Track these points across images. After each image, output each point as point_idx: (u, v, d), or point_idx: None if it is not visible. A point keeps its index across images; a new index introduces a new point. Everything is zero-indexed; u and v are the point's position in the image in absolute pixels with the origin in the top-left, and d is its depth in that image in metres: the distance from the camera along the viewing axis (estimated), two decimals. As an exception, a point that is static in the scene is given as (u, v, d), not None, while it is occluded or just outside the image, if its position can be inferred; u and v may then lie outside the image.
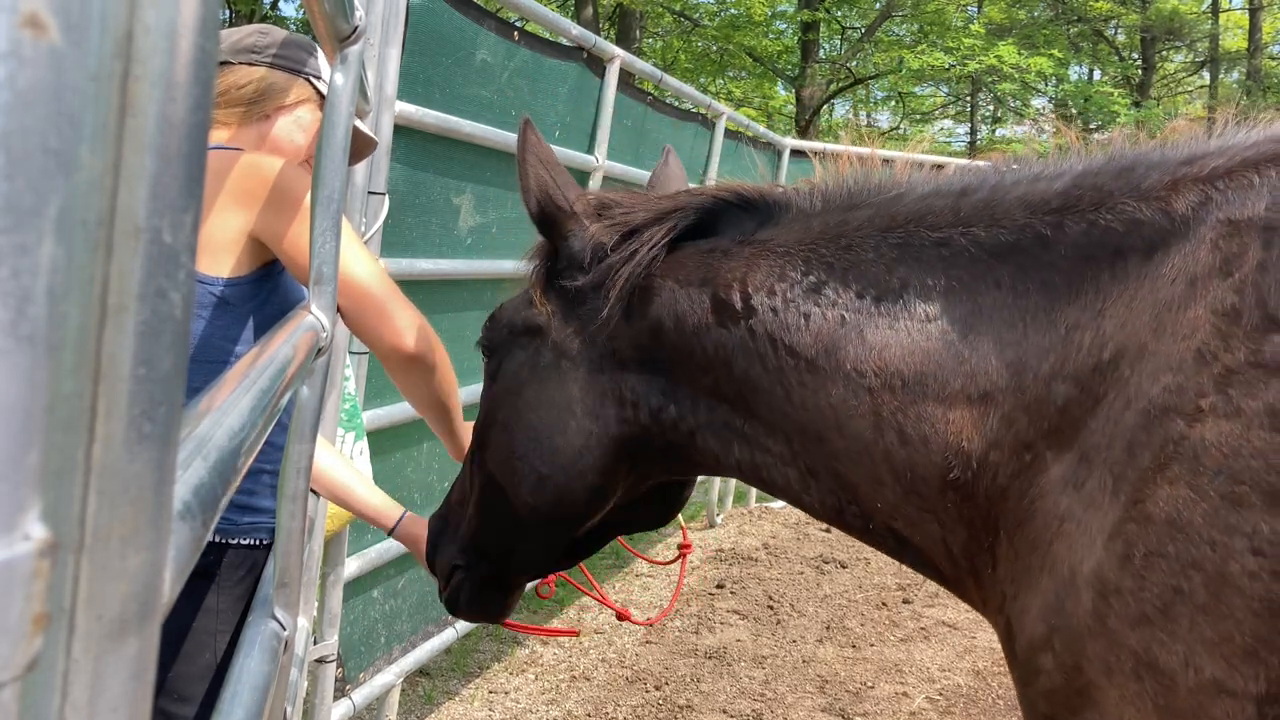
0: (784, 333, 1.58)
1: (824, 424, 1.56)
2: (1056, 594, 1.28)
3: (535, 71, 4.00)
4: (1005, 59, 20.43)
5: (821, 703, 4.44)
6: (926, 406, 1.46)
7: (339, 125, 1.49)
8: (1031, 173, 1.50)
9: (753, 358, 1.61)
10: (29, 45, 0.29)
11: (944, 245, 1.50)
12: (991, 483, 1.40)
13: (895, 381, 1.48)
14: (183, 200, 0.37)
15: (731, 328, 1.64)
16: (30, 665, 0.30)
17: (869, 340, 1.51)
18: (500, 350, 1.89)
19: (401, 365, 1.88)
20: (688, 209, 1.75)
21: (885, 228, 1.56)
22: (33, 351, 0.30)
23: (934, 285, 1.49)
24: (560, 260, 1.81)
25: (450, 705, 4.27)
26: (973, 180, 1.54)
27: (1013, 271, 1.43)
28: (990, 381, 1.41)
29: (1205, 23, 25.49)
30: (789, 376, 1.58)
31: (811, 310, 1.57)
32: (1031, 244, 1.42)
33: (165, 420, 0.38)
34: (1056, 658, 1.28)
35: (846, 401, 1.52)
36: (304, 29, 19.35)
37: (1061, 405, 1.33)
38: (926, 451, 1.46)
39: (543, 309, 1.82)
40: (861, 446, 1.52)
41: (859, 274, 1.55)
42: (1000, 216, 1.47)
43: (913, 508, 1.50)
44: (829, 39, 24.99)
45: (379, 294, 1.81)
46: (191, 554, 0.56)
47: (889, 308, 1.51)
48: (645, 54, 23.23)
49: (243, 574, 1.88)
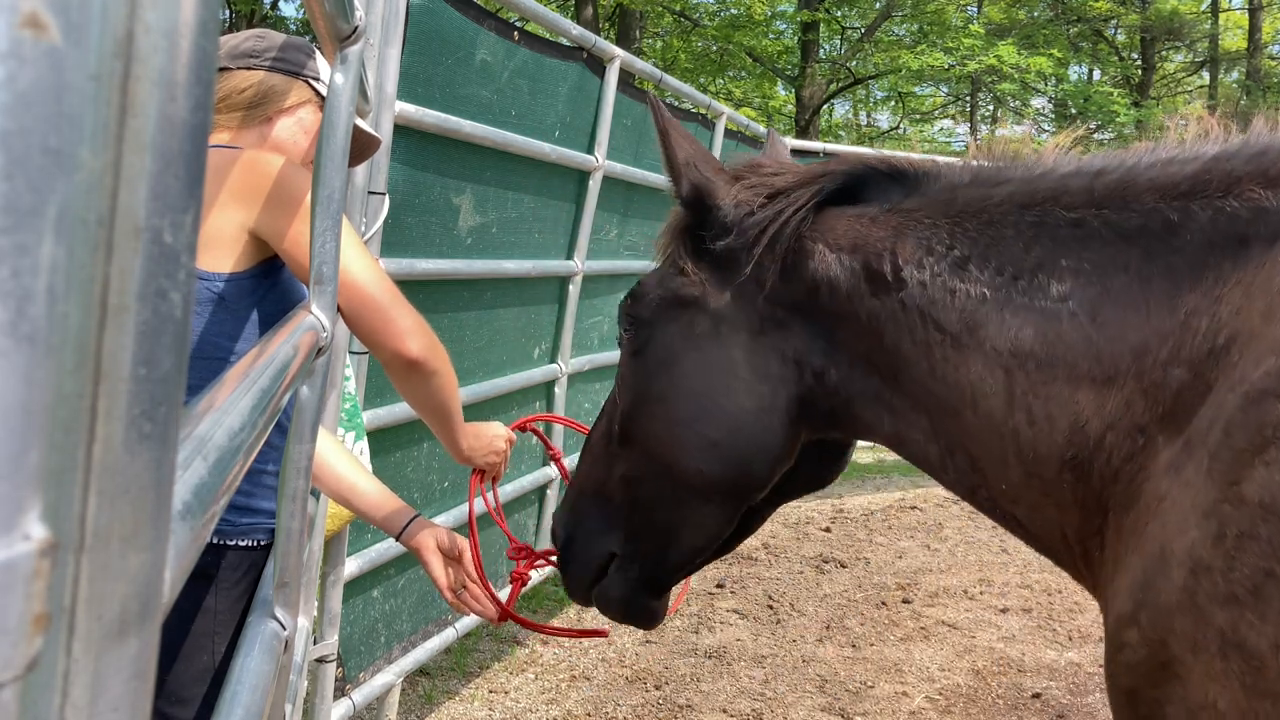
0: (931, 307, 1.61)
1: (961, 400, 1.58)
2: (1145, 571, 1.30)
3: (535, 71, 4.00)
4: (1005, 59, 20.43)
5: (821, 702, 4.44)
6: (1055, 387, 1.48)
7: (339, 125, 1.49)
8: (1165, 155, 1.51)
9: (902, 330, 1.64)
10: (29, 45, 0.29)
11: (1078, 225, 1.52)
12: (1106, 464, 1.42)
13: (1029, 362, 1.51)
14: (183, 200, 0.37)
15: (884, 298, 1.66)
16: (30, 665, 0.30)
17: (1007, 319, 1.54)
18: (648, 324, 1.87)
19: (403, 369, 1.87)
20: (835, 174, 1.77)
21: (1024, 204, 1.58)
22: (33, 351, 0.30)
23: (1067, 266, 1.51)
24: (709, 228, 1.81)
25: (450, 705, 4.27)
26: (1110, 161, 1.56)
27: (1140, 255, 1.45)
28: (1114, 365, 1.43)
29: (1205, 23, 25.49)
30: (934, 351, 1.60)
31: (957, 286, 1.59)
32: (1159, 229, 1.45)
33: (165, 420, 0.38)
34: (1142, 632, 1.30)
35: (984, 379, 1.55)
36: (304, 29, 19.36)
37: (1176, 390, 1.35)
38: (1050, 432, 1.48)
39: (695, 277, 1.82)
40: (992, 425, 1.55)
41: (999, 250, 1.57)
42: (1131, 199, 1.49)
43: (1034, 491, 1.53)
44: (829, 39, 24.98)
45: (381, 297, 1.80)
46: (191, 554, 0.56)
47: (1025, 286, 1.54)
48: (645, 54, 23.23)
49: (241, 575, 1.88)
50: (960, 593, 5.94)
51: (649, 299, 1.88)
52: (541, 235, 4.34)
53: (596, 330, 5.27)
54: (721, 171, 1.83)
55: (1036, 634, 5.34)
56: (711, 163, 1.84)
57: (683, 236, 1.85)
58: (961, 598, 5.86)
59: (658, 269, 1.92)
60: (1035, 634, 5.34)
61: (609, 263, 5.08)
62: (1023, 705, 4.50)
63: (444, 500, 3.90)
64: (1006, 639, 5.25)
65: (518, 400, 4.44)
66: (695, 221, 1.83)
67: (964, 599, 5.85)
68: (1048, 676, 4.81)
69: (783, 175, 1.81)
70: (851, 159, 1.82)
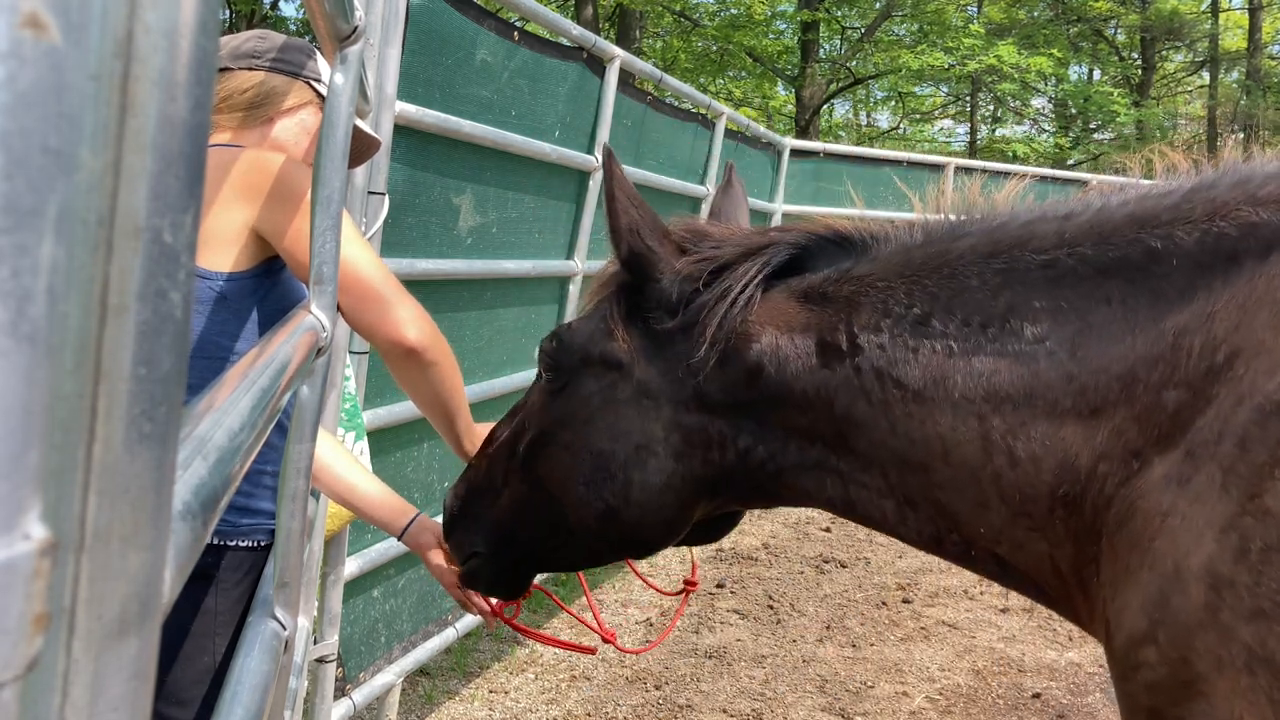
0: (891, 367, 1.58)
1: (929, 453, 1.55)
2: (1160, 588, 1.28)
3: (535, 71, 4.00)
4: (1005, 59, 20.44)
5: (821, 702, 4.44)
6: (1037, 426, 1.47)
7: (339, 125, 1.49)
8: (1140, 193, 1.51)
9: (856, 394, 1.60)
10: (29, 45, 0.29)
11: (1050, 267, 1.50)
12: (1099, 494, 1.41)
13: (1005, 405, 1.49)
14: (183, 200, 0.37)
15: (836, 368, 1.62)
16: (30, 665, 0.30)
17: (977, 366, 1.52)
18: (569, 372, 1.85)
19: (401, 358, 1.85)
20: (780, 244, 1.73)
21: (989, 254, 1.56)
22: (33, 351, 0.29)
23: (1041, 307, 1.49)
24: (647, 298, 1.77)
25: (450, 705, 4.27)
26: (1077, 205, 1.55)
27: (1121, 286, 1.44)
28: (1101, 397, 1.42)
29: (1205, 22, 25.48)
30: (894, 409, 1.57)
31: (919, 343, 1.56)
32: (1141, 257, 1.43)
33: (165, 420, 0.38)
34: (1161, 651, 1.28)
35: (955, 429, 1.53)
36: (304, 29, 19.35)
37: (1173, 411, 1.34)
38: (1037, 471, 1.46)
39: (625, 345, 1.78)
40: (968, 473, 1.53)
41: (963, 302, 1.55)
42: (1109, 234, 1.47)
43: (1020, 529, 1.51)
44: (829, 39, 24.98)
45: (378, 285, 1.79)
46: (191, 554, 0.56)
47: (995, 333, 1.52)
48: (645, 54, 23.23)
49: (242, 576, 1.88)
50: (960, 593, 5.94)
51: (573, 349, 1.84)
52: (541, 235, 4.34)
53: (596, 330, 5.27)
54: (666, 241, 1.78)
55: (1036, 634, 5.34)
56: (657, 231, 1.78)
57: (617, 298, 1.82)
58: (961, 598, 5.86)
59: (586, 319, 1.88)
60: (1035, 634, 5.34)
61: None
62: (1023, 705, 4.50)
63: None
64: (1006, 639, 5.25)
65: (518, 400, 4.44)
66: (633, 286, 1.79)
67: (964, 599, 5.85)
68: (1048, 676, 4.81)
69: (727, 247, 1.75)
70: (798, 228, 1.78)
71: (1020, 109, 27.56)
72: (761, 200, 7.30)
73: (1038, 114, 28.07)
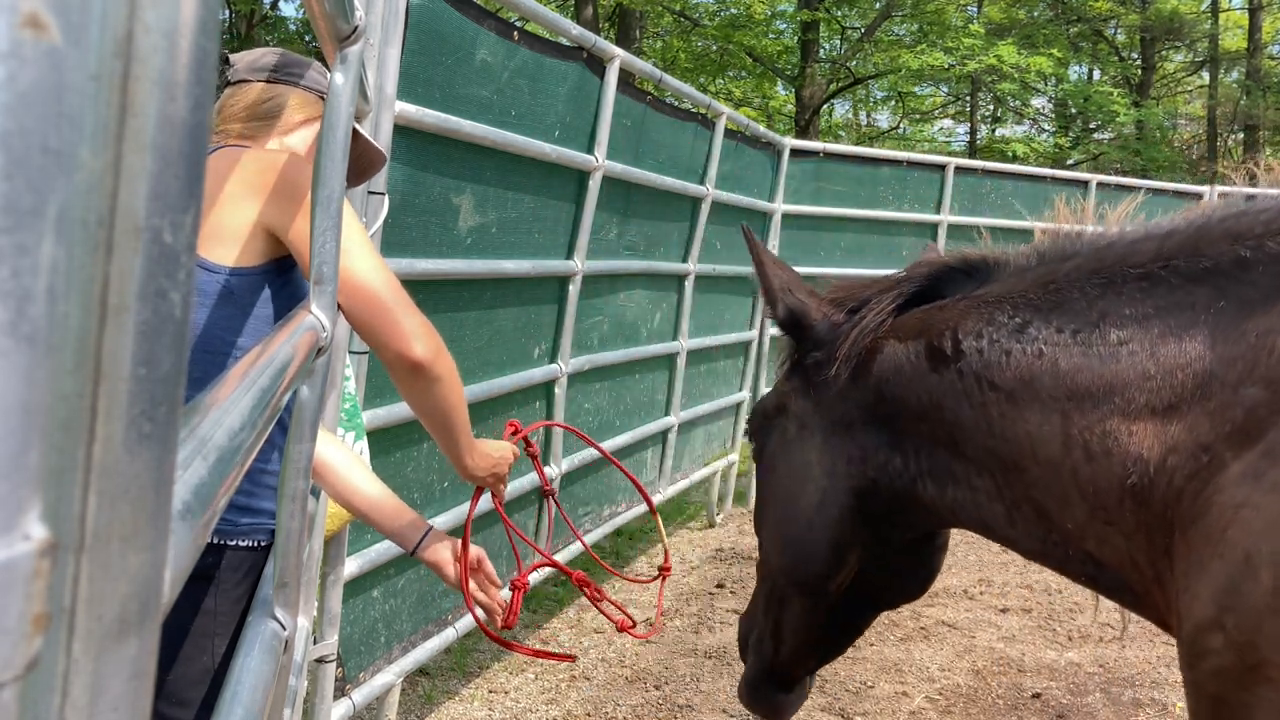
0: (986, 370, 1.72)
1: (1021, 452, 1.68)
2: (1229, 576, 1.32)
3: (535, 71, 4.00)
4: (1005, 59, 20.42)
5: (821, 702, 4.44)
6: (1111, 422, 1.57)
7: (339, 125, 1.49)
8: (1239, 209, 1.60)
9: (960, 398, 1.75)
10: (29, 45, 0.29)
11: (1145, 279, 1.62)
12: (1168, 486, 1.48)
13: (1085, 402, 1.60)
14: (183, 200, 0.37)
15: (943, 372, 1.79)
16: (30, 665, 0.30)
17: (1062, 368, 1.64)
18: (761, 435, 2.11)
19: (406, 372, 1.84)
20: (913, 278, 1.95)
21: (1092, 271, 1.69)
22: (33, 351, 0.29)
23: (1130, 314, 1.61)
24: (804, 345, 2.04)
25: (450, 705, 4.27)
26: (1180, 223, 1.66)
27: (1209, 293, 1.53)
28: (1175, 393, 1.51)
29: (1205, 23, 25.48)
30: (990, 410, 1.71)
31: (1013, 347, 1.71)
32: (1230, 266, 1.53)
33: (165, 420, 0.38)
34: (1228, 636, 1.32)
35: (1040, 427, 1.64)
36: (304, 29, 19.36)
37: (1250, 407, 1.40)
38: (1108, 463, 1.56)
39: (786, 387, 2.05)
40: (1052, 469, 1.63)
41: (1062, 312, 1.68)
42: (1204, 248, 1.57)
43: (1099, 522, 1.60)
44: (829, 39, 24.97)
45: (387, 298, 1.78)
46: (191, 554, 0.56)
47: (1085, 337, 1.64)
48: (645, 54, 23.23)
49: (242, 576, 1.88)
50: (960, 593, 5.94)
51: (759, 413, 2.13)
52: (541, 235, 4.34)
53: (596, 330, 5.27)
54: (813, 294, 2.05)
55: (1036, 634, 5.34)
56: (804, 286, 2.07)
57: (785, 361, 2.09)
58: (961, 598, 5.86)
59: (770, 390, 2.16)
60: (1035, 634, 5.34)
61: (609, 263, 5.08)
62: (1023, 705, 4.50)
63: (444, 500, 3.90)
64: (1006, 639, 5.25)
65: (517, 400, 4.44)
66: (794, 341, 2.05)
67: (964, 599, 5.85)
68: (1048, 676, 4.81)
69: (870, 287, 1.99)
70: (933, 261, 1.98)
71: (1020, 109, 27.56)
72: (761, 200, 7.30)
73: (1038, 114, 28.07)
